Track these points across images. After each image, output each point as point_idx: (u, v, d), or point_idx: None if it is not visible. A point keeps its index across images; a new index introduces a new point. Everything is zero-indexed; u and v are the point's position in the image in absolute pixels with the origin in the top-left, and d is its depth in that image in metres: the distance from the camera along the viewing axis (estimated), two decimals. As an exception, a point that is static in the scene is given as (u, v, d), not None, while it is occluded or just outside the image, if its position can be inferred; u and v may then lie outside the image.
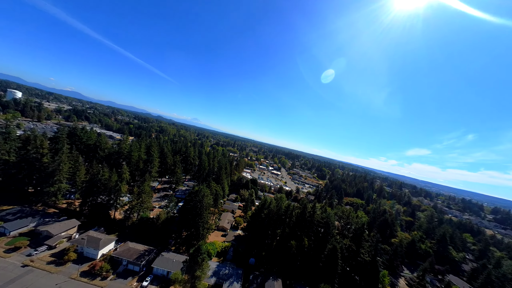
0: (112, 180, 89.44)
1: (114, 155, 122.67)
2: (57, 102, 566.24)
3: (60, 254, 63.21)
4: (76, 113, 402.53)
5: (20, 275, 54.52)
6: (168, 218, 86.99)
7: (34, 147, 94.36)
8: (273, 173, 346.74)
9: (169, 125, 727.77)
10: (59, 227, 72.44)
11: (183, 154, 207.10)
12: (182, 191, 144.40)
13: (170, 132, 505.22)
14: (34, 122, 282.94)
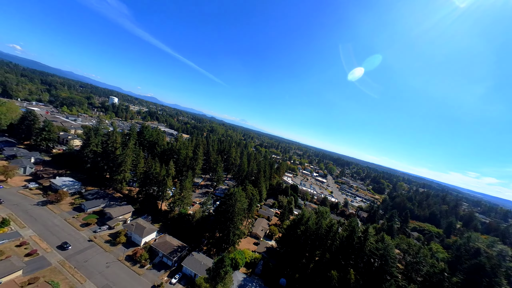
0: (161, 174, 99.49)
1: (167, 151, 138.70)
2: (139, 106, 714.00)
3: (115, 235, 73.45)
4: (150, 114, 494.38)
5: (85, 248, 65.86)
6: (204, 217, 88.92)
7: (111, 141, 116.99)
8: (318, 180, 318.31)
9: (219, 125, 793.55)
10: (119, 210, 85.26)
11: (226, 154, 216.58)
12: (222, 190, 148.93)
13: (219, 132, 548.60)
14: (122, 121, 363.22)
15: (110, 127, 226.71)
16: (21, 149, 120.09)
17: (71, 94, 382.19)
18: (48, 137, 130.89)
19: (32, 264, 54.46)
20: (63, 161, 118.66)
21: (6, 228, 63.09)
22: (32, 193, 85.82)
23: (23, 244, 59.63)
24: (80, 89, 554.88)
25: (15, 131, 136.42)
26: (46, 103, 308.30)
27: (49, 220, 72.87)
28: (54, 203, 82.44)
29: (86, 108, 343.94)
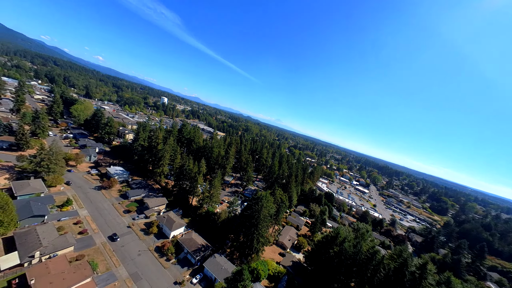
0: (193, 171, 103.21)
1: (201, 149, 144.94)
2: (184, 105, 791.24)
3: (149, 225, 78.85)
4: (192, 113, 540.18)
5: (124, 233, 72.43)
6: (229, 218, 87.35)
7: (154, 137, 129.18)
8: (358, 190, 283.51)
9: (254, 124, 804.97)
10: (155, 201, 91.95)
11: (258, 154, 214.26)
12: (251, 191, 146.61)
13: (253, 131, 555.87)
14: (169, 118, 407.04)
15: (158, 124, 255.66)
16: (90, 140, 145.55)
17: (132, 95, 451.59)
18: (110, 131, 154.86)
19: (81, 242, 62.49)
20: (118, 152, 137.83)
21: (69, 207, 75.16)
22: (92, 178, 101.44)
23: (78, 222, 69.56)
24: (140, 91, 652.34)
25: (88, 125, 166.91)
26: (114, 102, 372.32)
27: (100, 204, 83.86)
28: (106, 189, 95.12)
29: (142, 106, 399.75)
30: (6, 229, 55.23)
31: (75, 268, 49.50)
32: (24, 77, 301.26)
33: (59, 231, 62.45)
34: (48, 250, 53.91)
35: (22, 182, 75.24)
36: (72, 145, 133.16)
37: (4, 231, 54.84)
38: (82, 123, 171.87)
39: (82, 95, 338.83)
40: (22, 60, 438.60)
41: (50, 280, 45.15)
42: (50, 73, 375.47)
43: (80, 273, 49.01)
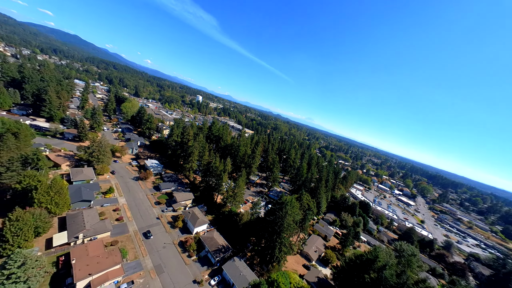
0: (219, 169, 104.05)
1: (228, 147, 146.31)
2: (217, 103, 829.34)
3: (175, 218, 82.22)
4: (224, 111, 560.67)
5: (153, 224, 77.02)
6: (251, 221, 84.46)
7: (186, 134, 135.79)
8: (401, 201, 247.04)
9: (283, 123, 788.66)
10: (182, 196, 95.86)
11: (285, 154, 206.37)
12: (276, 192, 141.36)
13: (282, 130, 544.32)
14: (202, 115, 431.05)
15: (192, 121, 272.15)
16: (134, 134, 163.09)
17: (172, 93, 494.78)
18: (150, 127, 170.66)
19: (117, 228, 68.56)
20: (156, 146, 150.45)
21: (111, 194, 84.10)
22: (132, 169, 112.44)
23: (117, 210, 76.93)
24: (179, 90, 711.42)
25: (133, 120, 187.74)
26: (157, 100, 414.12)
27: (136, 194, 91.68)
28: (143, 180, 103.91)
29: (180, 104, 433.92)
30: (61, 210, 64.19)
31: (108, 254, 53.77)
32: (90, 79, 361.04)
33: (100, 216, 69.89)
34: (89, 233, 60.39)
35: (78, 169, 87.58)
36: (120, 138, 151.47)
37: (60, 211, 63.82)
38: (129, 119, 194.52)
39: (132, 94, 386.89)
40: (91, 66, 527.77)
41: (87, 262, 49.83)
42: (109, 76, 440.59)
43: (112, 259, 52.94)
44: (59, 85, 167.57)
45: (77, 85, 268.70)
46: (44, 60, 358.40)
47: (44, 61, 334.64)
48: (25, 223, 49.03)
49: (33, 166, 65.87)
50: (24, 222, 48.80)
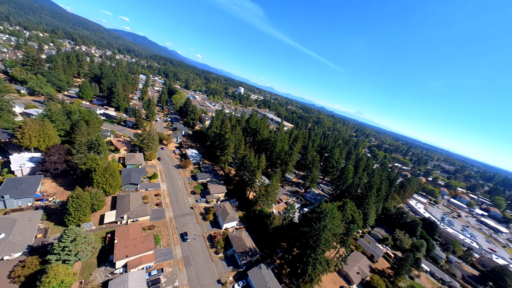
0: (253, 165, 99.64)
1: (265, 141, 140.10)
2: (258, 95, 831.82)
3: (207, 211, 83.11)
4: (264, 102, 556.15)
5: (187, 213, 79.74)
6: (283, 226, 77.13)
7: (224, 126, 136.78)
8: (484, 224, 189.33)
9: (327, 116, 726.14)
10: (216, 188, 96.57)
11: (328, 152, 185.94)
12: (313, 195, 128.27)
13: (325, 124, 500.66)
14: (242, 107, 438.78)
15: (233, 112, 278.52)
16: (180, 124, 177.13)
17: (216, 86, 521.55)
18: (193, 117, 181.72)
19: (155, 213, 73.53)
20: (197, 137, 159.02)
21: (154, 180, 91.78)
22: (175, 157, 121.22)
23: (158, 195, 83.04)
24: (223, 82, 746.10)
25: (181, 111, 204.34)
26: (203, 92, 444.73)
27: (176, 181, 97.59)
28: (183, 168, 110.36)
29: (223, 96, 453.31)
30: (114, 190, 72.76)
31: (144, 238, 57.13)
32: (150, 74, 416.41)
33: (144, 199, 76.36)
34: (132, 215, 66.17)
35: (131, 154, 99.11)
36: (168, 127, 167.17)
37: (112, 192, 72.46)
38: (178, 109, 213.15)
39: (183, 86, 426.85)
40: (153, 62, 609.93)
41: (126, 244, 53.90)
42: (166, 71, 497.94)
43: (146, 244, 55.95)
44: (126, 80, 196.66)
45: (141, 80, 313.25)
46: (120, 59, 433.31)
47: (120, 60, 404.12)
48: (83, 201, 56.32)
49: (95, 150, 76.66)
50: (82, 200, 56.11)
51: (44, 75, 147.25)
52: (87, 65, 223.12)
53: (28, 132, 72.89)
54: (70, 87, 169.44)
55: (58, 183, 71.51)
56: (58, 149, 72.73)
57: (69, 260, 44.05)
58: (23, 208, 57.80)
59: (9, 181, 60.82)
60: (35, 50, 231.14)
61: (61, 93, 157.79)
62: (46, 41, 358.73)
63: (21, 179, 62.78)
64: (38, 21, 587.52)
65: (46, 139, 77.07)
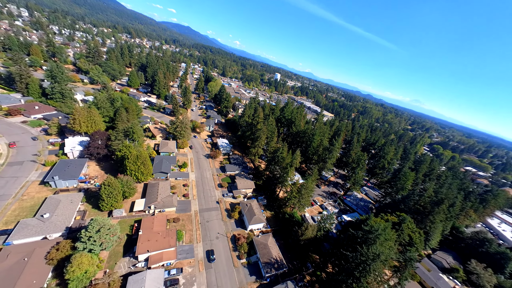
0: (285, 161, 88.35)
1: (301, 133, 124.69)
2: (295, 81, 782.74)
3: (233, 207, 77.82)
4: (301, 90, 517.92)
5: (212, 208, 76.18)
6: (317, 238, 65.35)
7: (256, 115, 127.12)
8: None
9: (375, 105, 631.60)
10: (244, 183, 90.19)
11: (377, 149, 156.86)
12: (355, 199, 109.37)
13: (373, 115, 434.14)
14: (278, 95, 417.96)
15: (267, 100, 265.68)
16: (214, 112, 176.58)
17: (252, 72, 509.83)
18: (227, 105, 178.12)
19: (182, 205, 72.12)
20: (229, 125, 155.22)
21: (184, 169, 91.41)
22: (206, 146, 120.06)
23: (186, 185, 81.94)
24: (260, 68, 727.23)
25: (215, 99, 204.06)
26: (239, 79, 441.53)
27: (204, 172, 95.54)
28: (212, 158, 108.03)
29: (258, 83, 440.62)
30: (145, 178, 74.09)
31: (166, 233, 55.19)
32: (191, 62, 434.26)
33: (172, 189, 76.00)
34: (159, 205, 65.72)
35: (165, 141, 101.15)
36: (202, 115, 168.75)
37: (144, 179, 73.89)
38: (213, 97, 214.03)
39: (220, 74, 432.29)
40: (194, 51, 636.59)
41: (149, 237, 52.73)
42: (205, 59, 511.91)
43: (168, 240, 53.80)
44: (167, 68, 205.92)
45: (181, 68, 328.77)
46: (166, 49, 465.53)
47: (165, 50, 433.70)
48: (114, 188, 57.23)
49: (130, 137, 78.97)
50: (113, 187, 57.03)
51: (101, 65, 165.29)
52: (136, 56, 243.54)
53: (78, 118, 79.64)
54: (122, 76, 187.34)
55: (100, 167, 77.17)
56: (101, 134, 77.47)
57: (94, 250, 44.31)
58: (69, 189, 63.25)
59: (60, 163, 67.50)
60: (99, 44, 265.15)
61: (114, 82, 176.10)
62: (109, 36, 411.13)
63: (70, 162, 69.04)
64: (105, 19, 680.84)
65: (93, 125, 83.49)
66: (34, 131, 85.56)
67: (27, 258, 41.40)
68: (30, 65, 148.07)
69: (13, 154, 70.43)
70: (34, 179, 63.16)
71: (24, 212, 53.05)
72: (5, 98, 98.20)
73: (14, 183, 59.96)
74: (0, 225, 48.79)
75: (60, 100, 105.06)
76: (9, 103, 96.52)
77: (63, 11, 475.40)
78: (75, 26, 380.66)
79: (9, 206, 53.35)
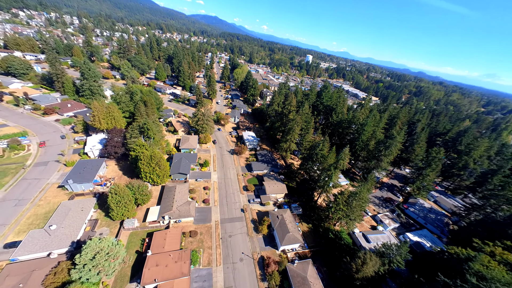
0: (327, 161, 68.47)
1: (344, 123, 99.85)
2: (330, 62, 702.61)
3: (261, 217, 63.59)
4: (337, 71, 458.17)
5: (236, 218, 63.48)
6: (379, 275, 46.03)
7: (287, 103, 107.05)
8: None
9: (432, 85, 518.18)
10: (273, 186, 74.54)
11: (446, 140, 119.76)
12: (422, 210, 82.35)
13: (430, 96, 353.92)
14: (310, 79, 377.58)
15: (299, 85, 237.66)
16: (240, 101, 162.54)
17: (281, 56, 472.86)
18: (254, 93, 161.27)
19: (201, 213, 61.39)
20: (256, 115, 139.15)
21: (206, 168, 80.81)
22: (231, 140, 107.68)
23: (207, 188, 71.07)
24: (289, 52, 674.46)
25: (241, 87, 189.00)
26: (266, 65, 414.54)
27: (228, 171, 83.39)
28: (237, 154, 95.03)
29: (287, 67, 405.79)
30: (162, 180, 65.62)
31: (178, 257, 44.82)
32: (218, 51, 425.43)
33: (191, 193, 66.06)
34: (174, 215, 56.08)
35: (186, 137, 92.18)
36: (228, 105, 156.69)
37: (161, 182, 65.50)
38: (239, 85, 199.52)
39: (247, 61, 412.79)
40: (221, 40, 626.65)
41: (158, 261, 43.13)
42: (232, 46, 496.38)
43: (180, 266, 43.34)
44: (192, 58, 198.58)
45: (208, 58, 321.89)
46: (194, 40, 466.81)
47: (194, 41, 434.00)
48: (123, 197, 48.99)
49: (146, 134, 70.96)
50: (121, 196, 48.79)
51: (130, 60, 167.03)
52: (164, 49, 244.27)
53: (98, 115, 75.32)
54: (151, 69, 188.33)
55: (119, 167, 72.27)
56: (117, 132, 71.68)
57: (91, 280, 36.05)
58: (84, 193, 58.65)
59: (79, 164, 63.74)
60: (134, 41, 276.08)
61: (143, 76, 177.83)
62: (143, 33, 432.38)
63: (87, 162, 64.83)
64: (141, 18, 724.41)
65: (113, 121, 78.72)
66: (64, 129, 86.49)
67: (22, 284, 35.67)
68: (72, 65, 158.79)
69: (41, 153, 70.49)
70: (54, 181, 60.80)
71: (38, 220, 49.62)
72: (44, 98, 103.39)
73: (35, 186, 58.22)
74: (12, 235, 45.77)
75: (90, 96, 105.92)
76: (47, 102, 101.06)
77: (106, 15, 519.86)
78: (114, 27, 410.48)
79: (25, 212, 50.64)
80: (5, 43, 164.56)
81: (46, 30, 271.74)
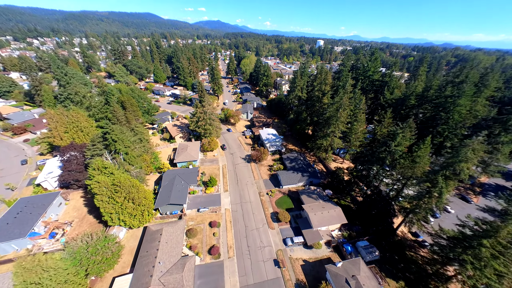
0: (420, 165, 37.66)
1: (406, 100, 66.40)
2: (343, 46, 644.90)
3: (311, 275, 35.21)
4: (355, 52, 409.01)
5: (267, 280, 35.97)
6: None
7: (318, 82, 76.68)
8: None
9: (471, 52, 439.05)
10: (320, 213, 45.16)
11: None
12: None
13: (480, 63, 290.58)
14: (326, 64, 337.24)
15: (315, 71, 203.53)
16: (252, 94, 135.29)
17: (290, 45, 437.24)
18: (267, 83, 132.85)
19: (205, 280, 34.77)
20: (273, 108, 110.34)
21: (213, 188, 54.45)
22: (245, 142, 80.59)
23: (214, 224, 44.36)
24: (296, 42, 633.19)
25: (251, 79, 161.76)
26: (275, 56, 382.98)
27: (245, 189, 56.20)
28: (256, 162, 67.52)
29: (298, 55, 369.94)
30: (141, 221, 40.52)
31: None
32: (222, 49, 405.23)
33: (189, 237, 40.24)
34: (155, 295, 29.98)
35: (183, 145, 67.30)
36: (237, 100, 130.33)
37: (140, 223, 40.42)
38: (248, 78, 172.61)
39: (254, 54, 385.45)
40: (225, 40, 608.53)
41: None
42: (236, 43, 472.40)
43: None
44: (193, 54, 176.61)
45: (212, 56, 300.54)
46: (198, 43, 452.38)
47: (198, 44, 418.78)
48: (54, 274, 24.24)
49: (112, 149, 46.45)
50: (55, 271, 24.01)
51: (126, 65, 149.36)
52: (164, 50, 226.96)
53: (56, 127, 53.27)
54: (150, 73, 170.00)
55: (86, 200, 48.92)
56: (77, 149, 48.38)
57: None
58: (13, 259, 35.33)
59: (18, 204, 41.19)
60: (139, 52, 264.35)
61: (142, 81, 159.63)
62: (147, 43, 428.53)
63: (29, 200, 42.09)
64: (148, 32, 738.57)
65: (80, 134, 56.25)
66: (31, 151, 66.82)
67: None
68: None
69: (-16, 189, 50.12)
70: (-21, 236, 38.88)
71: None
72: (20, 116, 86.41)
73: None
74: None
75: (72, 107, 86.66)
76: (22, 119, 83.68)
77: (114, 33, 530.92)
78: (119, 41, 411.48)
79: None
80: (3, 66, 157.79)
81: (54, 52, 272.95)
